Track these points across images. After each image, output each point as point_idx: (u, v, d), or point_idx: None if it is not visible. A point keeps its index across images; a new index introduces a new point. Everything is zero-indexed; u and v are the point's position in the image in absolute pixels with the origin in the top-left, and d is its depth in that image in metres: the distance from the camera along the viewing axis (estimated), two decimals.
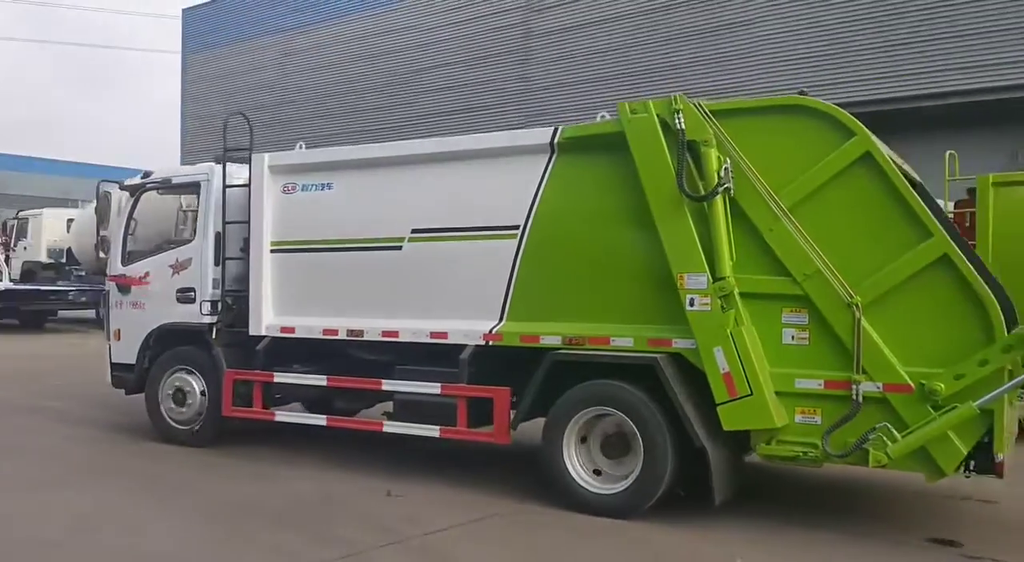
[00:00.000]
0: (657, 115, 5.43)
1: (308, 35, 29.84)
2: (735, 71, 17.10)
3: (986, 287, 4.79)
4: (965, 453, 4.80)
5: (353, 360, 6.84)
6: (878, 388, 4.92)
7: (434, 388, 6.18)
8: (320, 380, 6.82)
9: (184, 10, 35.58)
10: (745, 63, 17.14)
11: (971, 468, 4.99)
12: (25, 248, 22.10)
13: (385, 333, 6.51)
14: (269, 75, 31.27)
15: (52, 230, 22.03)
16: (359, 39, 27.82)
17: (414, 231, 6.45)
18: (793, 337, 5.17)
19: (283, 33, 30.75)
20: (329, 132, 27.73)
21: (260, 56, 31.61)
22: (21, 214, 23.44)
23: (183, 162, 27.94)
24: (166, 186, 7.97)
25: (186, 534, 5.20)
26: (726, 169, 5.17)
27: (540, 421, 5.92)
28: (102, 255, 8.58)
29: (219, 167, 7.47)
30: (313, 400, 7.63)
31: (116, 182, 8.46)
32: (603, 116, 5.91)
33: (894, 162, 5.29)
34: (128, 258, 8.10)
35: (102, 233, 8.58)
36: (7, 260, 20.36)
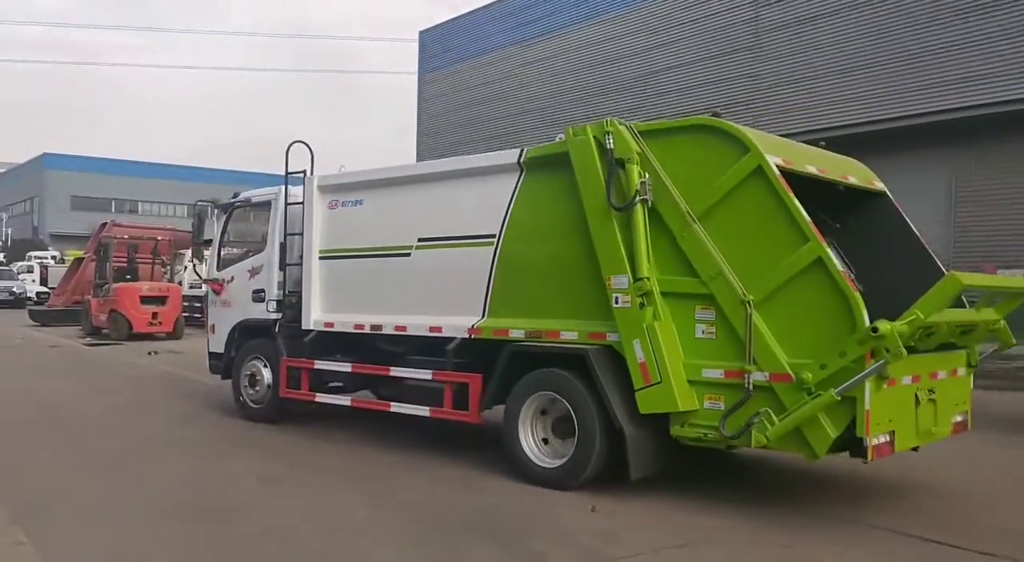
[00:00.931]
0: (593, 136, 6.22)
1: (541, 46, 30.61)
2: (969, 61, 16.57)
3: (851, 286, 5.25)
4: (834, 436, 5.24)
5: (377, 350, 7.98)
6: (765, 377, 5.46)
7: (427, 374, 7.28)
8: (346, 367, 8.10)
9: (421, 32, 37.67)
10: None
11: (847, 451, 5.40)
12: None
13: (397, 327, 7.68)
14: (503, 87, 32.17)
15: None
16: (591, 46, 28.15)
17: (419, 240, 7.59)
18: (703, 331, 5.80)
19: (516, 45, 31.67)
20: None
21: (494, 69, 32.60)
22: None
23: None
24: (247, 204, 9.64)
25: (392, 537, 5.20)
26: (643, 183, 5.90)
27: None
28: (198, 262, 10.49)
29: (288, 187, 8.87)
30: (368, 385, 8.62)
31: (212, 201, 10.19)
32: (560, 137, 6.62)
33: (811, 172, 5.90)
34: (221, 265, 9.80)
35: (198, 244, 10.40)
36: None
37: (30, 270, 38.89)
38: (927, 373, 5.78)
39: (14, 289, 34.11)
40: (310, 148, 9.00)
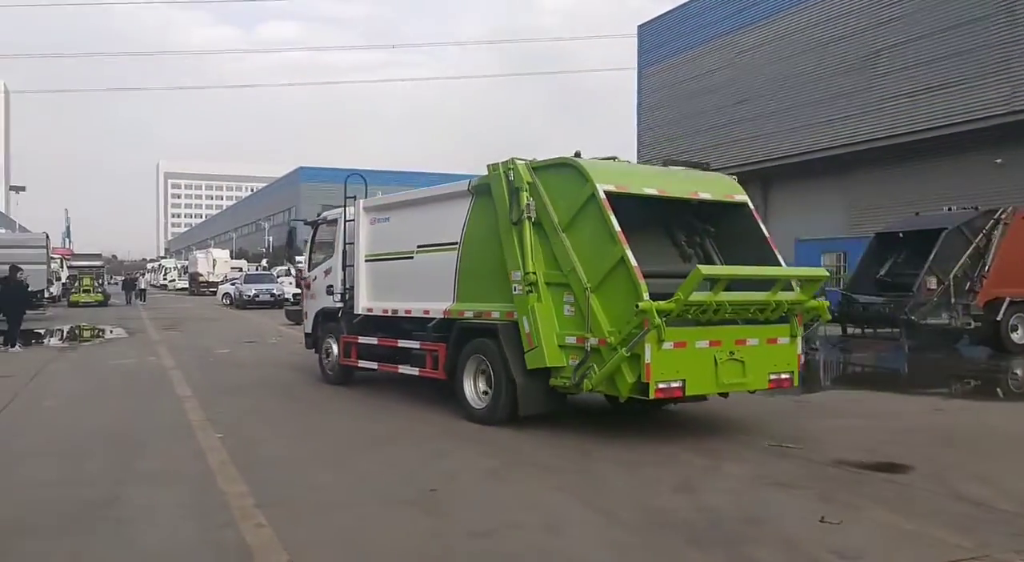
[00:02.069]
0: (503, 171, 8.46)
1: (758, 32, 30.85)
2: None
3: (639, 276, 7.13)
4: (631, 381, 7.16)
5: (396, 328, 10.49)
6: (596, 342, 7.43)
7: (417, 345, 9.80)
8: (374, 340, 10.73)
9: (639, 26, 38.89)
10: None
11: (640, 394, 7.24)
12: None
13: (406, 311, 10.23)
14: (722, 77, 32.71)
15: None
16: (810, 28, 28.26)
17: (418, 246, 10.04)
18: (568, 310, 7.84)
19: (733, 33, 32.10)
20: (790, 125, 28.95)
21: (712, 59, 33.24)
22: None
23: None
24: (324, 222, 12.62)
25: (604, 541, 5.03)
26: (528, 205, 8.10)
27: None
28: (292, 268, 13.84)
29: (347, 208, 11.60)
30: (389, 354, 10.67)
31: (302, 220, 13.39)
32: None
33: (650, 193, 8.12)
34: (310, 267, 12.99)
35: (291, 254, 13.76)
36: None
37: (288, 273, 42.36)
38: (732, 340, 7.56)
39: (274, 292, 37.35)
40: (364, 178, 11.81)
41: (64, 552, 4.84)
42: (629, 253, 7.27)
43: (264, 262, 52.03)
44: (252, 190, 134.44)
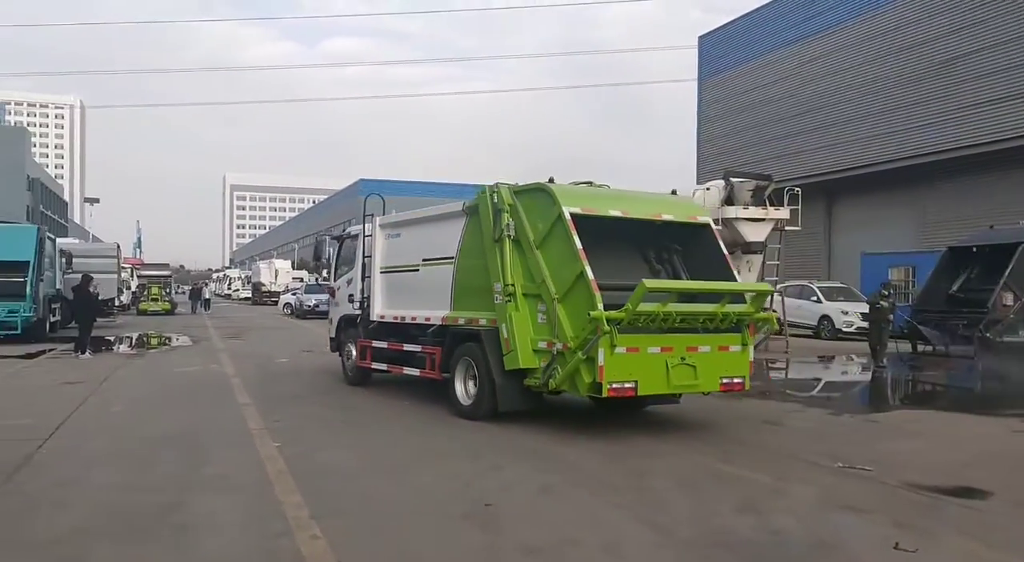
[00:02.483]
0: (489, 194, 9.30)
1: (825, 40, 30.19)
2: None
3: (595, 288, 7.91)
4: (588, 381, 7.99)
5: (403, 333, 11.24)
6: (562, 346, 8.26)
7: (418, 348, 10.74)
8: (385, 344, 11.53)
9: (700, 37, 38.80)
10: None
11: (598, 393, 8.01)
12: None
13: (412, 318, 11.08)
14: (785, 87, 32.23)
15: None
16: (881, 35, 27.54)
17: (423, 260, 10.92)
18: (541, 318, 8.68)
19: (798, 43, 31.48)
20: (856, 136, 28.27)
21: (775, 69, 32.76)
22: None
23: (699, 182, 28.69)
24: (348, 237, 13.86)
25: None
26: (508, 224, 9.01)
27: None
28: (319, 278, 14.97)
29: (366, 225, 12.39)
30: (396, 357, 11.72)
31: (328, 235, 14.54)
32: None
33: (614, 214, 8.96)
34: (335, 278, 14.09)
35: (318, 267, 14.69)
36: None
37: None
38: (683, 346, 8.33)
39: None
40: (383, 198, 12.91)
41: (129, 558, 4.93)
42: (588, 268, 8.08)
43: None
44: (314, 202, 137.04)
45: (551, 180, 9.12)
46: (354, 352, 12.51)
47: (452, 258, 10.17)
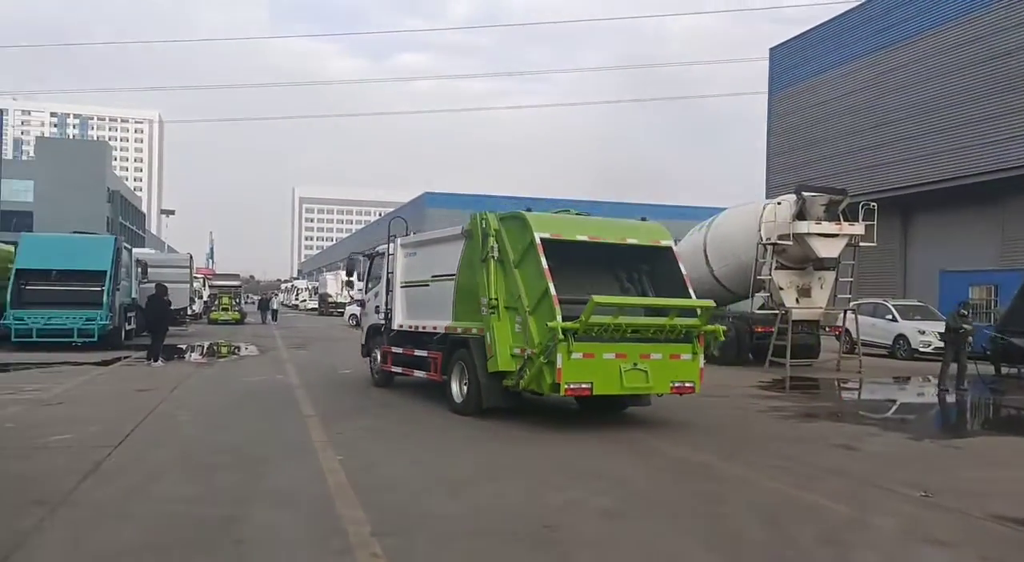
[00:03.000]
0: (479, 220, 10.63)
1: (903, 51, 29.21)
2: None
3: (556, 303, 9.18)
4: (550, 382, 9.24)
5: (416, 340, 12.64)
6: (531, 351, 9.53)
7: (425, 354, 12.12)
8: (401, 350, 13.00)
9: (771, 48, 37.70)
10: None
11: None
12: None
13: (423, 327, 12.46)
14: (859, 99, 31.29)
15: None
16: (962, 46, 26.72)
17: (432, 276, 12.37)
18: (518, 327, 9.94)
19: (875, 53, 30.54)
20: (934, 150, 27.38)
21: (849, 81, 31.89)
22: None
23: (768, 196, 28.91)
24: (377, 254, 15.09)
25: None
26: (492, 247, 10.31)
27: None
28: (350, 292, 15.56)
29: (390, 245, 13.80)
30: (411, 361, 13.17)
31: (361, 252, 15.87)
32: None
33: (582, 239, 10.23)
34: (367, 290, 15.73)
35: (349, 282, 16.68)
36: None
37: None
38: (637, 354, 9.44)
39: None
40: (405, 221, 14.79)
41: None
42: (551, 285, 9.37)
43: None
44: (380, 214, 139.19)
45: (528, 209, 10.47)
46: (379, 358, 14.08)
47: (453, 275, 11.54)
